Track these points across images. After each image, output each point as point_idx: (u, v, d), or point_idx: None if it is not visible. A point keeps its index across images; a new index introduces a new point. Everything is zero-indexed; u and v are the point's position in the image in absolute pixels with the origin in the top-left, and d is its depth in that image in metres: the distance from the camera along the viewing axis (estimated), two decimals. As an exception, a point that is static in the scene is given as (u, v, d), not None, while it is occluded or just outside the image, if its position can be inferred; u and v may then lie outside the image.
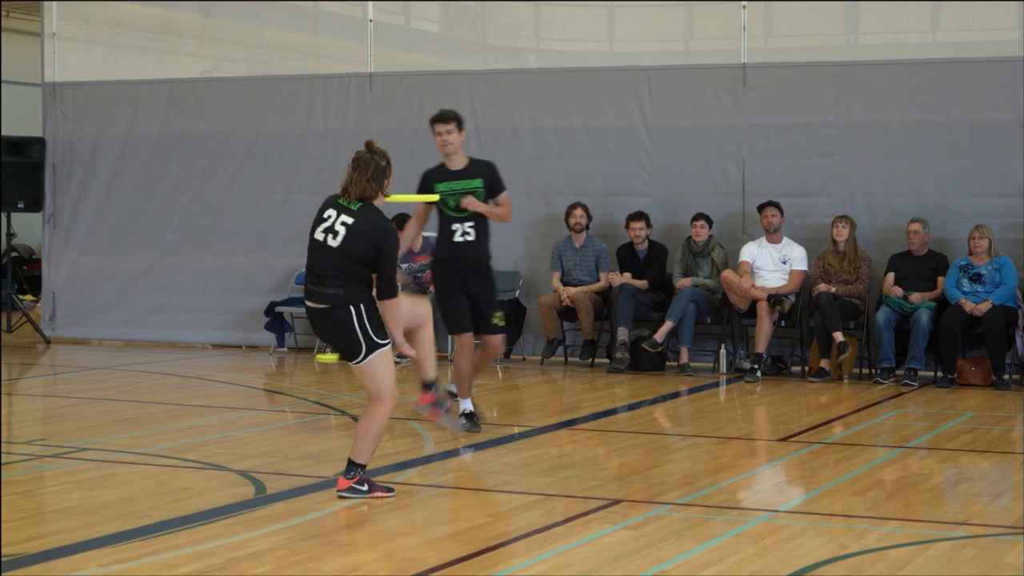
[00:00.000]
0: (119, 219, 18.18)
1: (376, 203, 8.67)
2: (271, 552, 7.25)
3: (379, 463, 9.45)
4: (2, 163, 17.97)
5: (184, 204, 17.93)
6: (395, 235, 8.57)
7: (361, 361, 8.49)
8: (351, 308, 8.45)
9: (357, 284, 8.49)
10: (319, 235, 8.57)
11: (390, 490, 8.59)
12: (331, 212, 8.58)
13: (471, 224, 10.96)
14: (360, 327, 8.45)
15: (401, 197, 9.67)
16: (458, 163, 11.11)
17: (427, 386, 9.40)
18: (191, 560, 7.08)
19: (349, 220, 8.51)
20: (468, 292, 10.99)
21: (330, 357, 16.19)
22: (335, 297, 8.49)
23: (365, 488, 8.48)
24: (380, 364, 8.50)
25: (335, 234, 8.51)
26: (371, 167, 8.56)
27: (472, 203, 10.89)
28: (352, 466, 8.52)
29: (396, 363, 8.93)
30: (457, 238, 10.95)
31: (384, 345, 8.51)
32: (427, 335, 9.15)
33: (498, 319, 11.06)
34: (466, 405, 11.15)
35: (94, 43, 19.09)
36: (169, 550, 7.30)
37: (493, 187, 11.11)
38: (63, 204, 18.38)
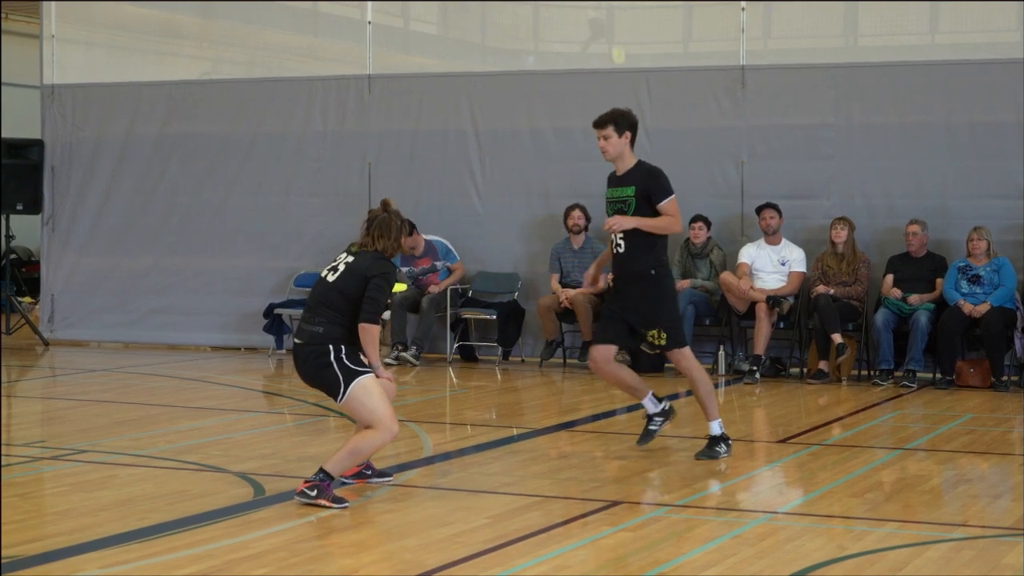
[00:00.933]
0: (118, 221, 18.18)
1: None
2: (270, 554, 7.25)
3: (379, 464, 9.45)
4: (1, 165, 17.97)
5: (183, 206, 17.93)
6: (389, 269, 8.59)
7: (343, 396, 8.45)
8: (329, 346, 8.47)
9: (341, 326, 8.49)
10: (323, 272, 8.71)
11: (341, 502, 8.35)
12: (341, 255, 8.75)
13: (622, 235, 10.00)
14: (336, 360, 8.43)
15: None
16: (622, 168, 10.11)
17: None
18: (190, 562, 7.08)
19: (351, 259, 8.65)
20: (627, 308, 10.20)
21: None
22: (314, 335, 8.51)
23: (314, 493, 8.31)
24: (364, 394, 8.44)
25: (335, 271, 8.64)
26: (393, 229, 8.70)
27: (614, 223, 9.91)
28: (319, 471, 8.41)
29: (390, 365, 8.88)
30: (614, 249, 10.15)
31: (364, 373, 8.46)
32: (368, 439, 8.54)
33: (654, 337, 10.18)
34: (648, 405, 10.49)
35: (93, 45, 19.10)
36: (168, 552, 7.30)
37: (650, 196, 9.94)
38: (62, 206, 18.38)
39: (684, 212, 15.44)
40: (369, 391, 8.45)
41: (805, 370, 15.04)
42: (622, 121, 10.10)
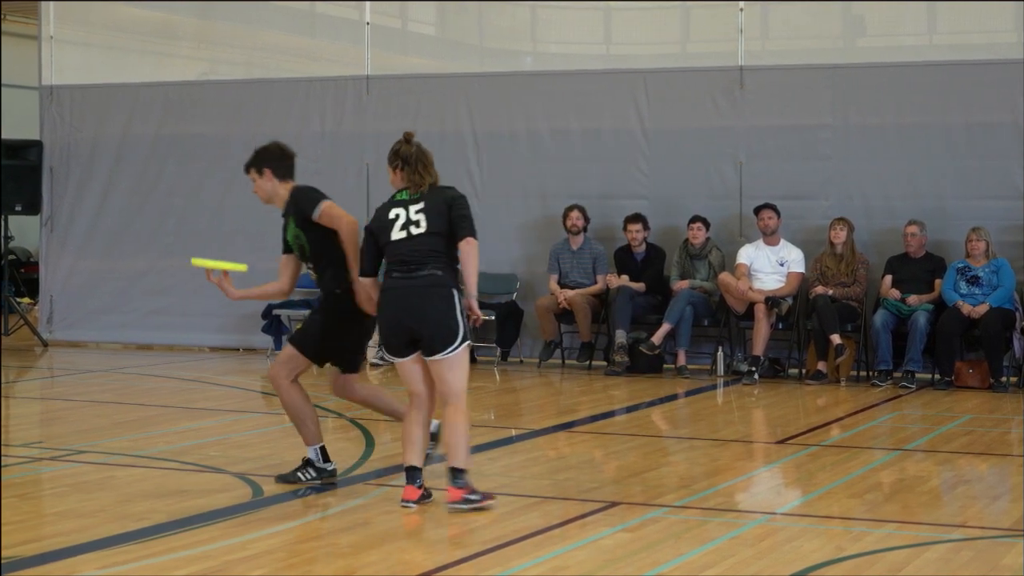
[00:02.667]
0: (116, 222, 18.18)
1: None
2: (269, 555, 7.25)
3: (377, 465, 9.46)
4: (0, 166, 17.99)
5: (181, 207, 17.93)
6: (463, 196, 8.45)
7: (454, 350, 8.24)
8: (453, 291, 8.28)
9: (450, 267, 8.33)
10: (398, 235, 8.35)
11: (492, 497, 8.35)
12: (397, 211, 8.41)
13: (310, 263, 9.21)
14: (460, 311, 8.26)
15: (208, 263, 9.21)
16: (281, 204, 9.24)
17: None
18: (189, 563, 7.08)
19: (421, 204, 8.37)
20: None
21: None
22: (435, 277, 8.27)
23: (477, 497, 8.22)
24: (465, 359, 8.35)
25: (416, 224, 8.34)
26: (427, 156, 8.48)
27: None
28: (458, 473, 8.25)
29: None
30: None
31: (467, 339, 8.37)
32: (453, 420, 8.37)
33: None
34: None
35: (91, 46, 19.09)
36: (167, 553, 7.30)
37: (306, 217, 8.95)
38: (60, 207, 18.37)
39: (683, 212, 15.66)
40: (466, 360, 8.39)
41: (804, 371, 15.03)
42: (256, 161, 9.06)
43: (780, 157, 15.65)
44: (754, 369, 14.70)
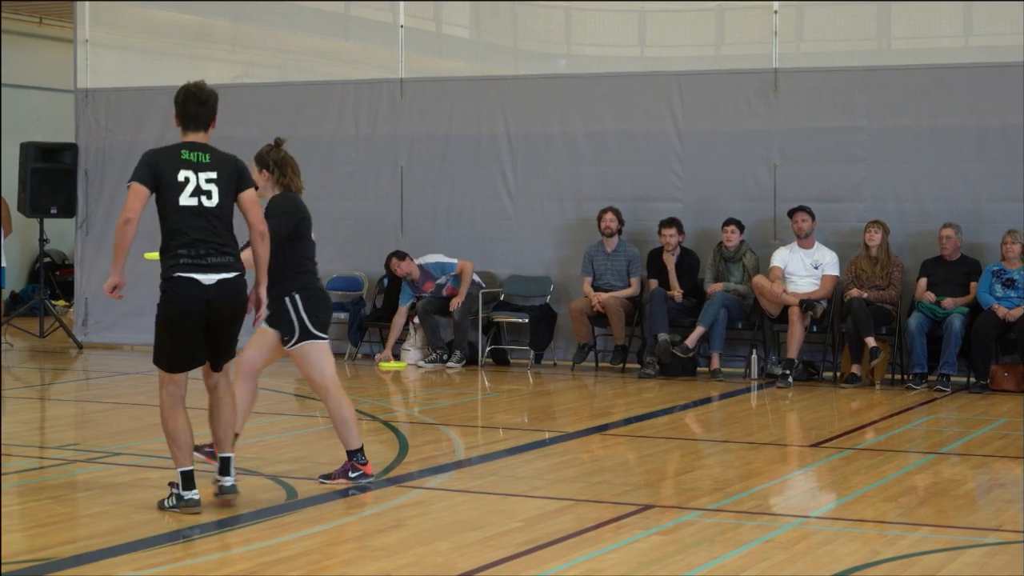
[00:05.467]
0: (152, 225, 18.13)
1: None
2: (303, 557, 7.27)
3: (409, 468, 9.46)
4: (35, 169, 18.08)
5: (216, 210, 17.95)
6: None
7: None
8: None
9: None
10: None
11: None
12: None
13: None
14: None
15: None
16: None
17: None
18: (223, 565, 7.10)
19: None
20: None
21: (396, 365, 16.09)
22: None
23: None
24: None
25: None
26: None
27: None
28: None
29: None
30: None
31: None
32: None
33: None
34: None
35: (126, 49, 19.16)
36: (202, 554, 7.32)
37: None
38: (96, 210, 18.44)
39: (717, 215, 15.62)
40: None
41: (838, 374, 14.98)
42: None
43: (814, 159, 15.61)
44: (788, 372, 14.66)
